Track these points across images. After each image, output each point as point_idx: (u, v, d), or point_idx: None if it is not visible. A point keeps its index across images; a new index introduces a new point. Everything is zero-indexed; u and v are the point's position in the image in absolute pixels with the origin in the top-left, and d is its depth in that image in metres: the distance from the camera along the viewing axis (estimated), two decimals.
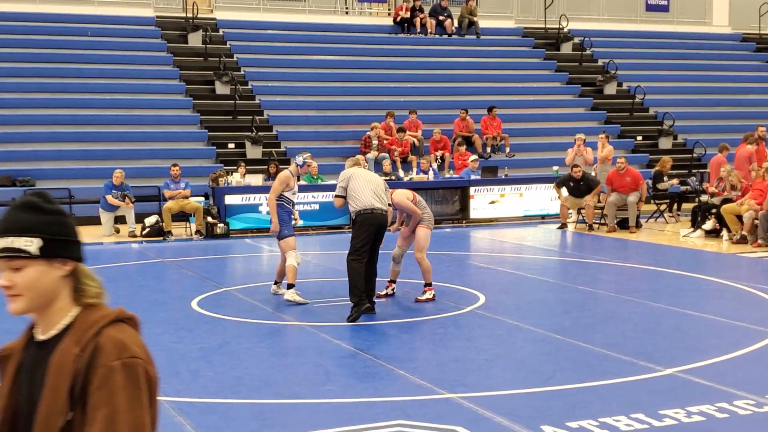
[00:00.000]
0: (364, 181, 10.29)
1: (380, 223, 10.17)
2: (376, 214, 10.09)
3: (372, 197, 10.11)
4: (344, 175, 10.44)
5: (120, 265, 14.70)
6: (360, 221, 10.12)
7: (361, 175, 10.39)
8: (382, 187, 10.42)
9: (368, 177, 10.49)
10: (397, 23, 28.90)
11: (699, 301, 10.97)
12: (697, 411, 6.55)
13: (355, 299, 9.87)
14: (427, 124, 23.72)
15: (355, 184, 10.24)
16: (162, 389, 7.49)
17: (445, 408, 6.73)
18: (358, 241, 10.09)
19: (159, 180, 19.57)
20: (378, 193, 10.23)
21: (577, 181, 18.58)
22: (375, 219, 10.09)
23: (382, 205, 10.18)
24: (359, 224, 10.13)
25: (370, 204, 10.06)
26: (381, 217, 10.15)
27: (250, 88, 24.79)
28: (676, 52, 31.44)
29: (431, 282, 10.97)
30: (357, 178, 10.30)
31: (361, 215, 10.08)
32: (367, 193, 10.12)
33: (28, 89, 22.73)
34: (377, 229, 10.17)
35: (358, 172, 10.48)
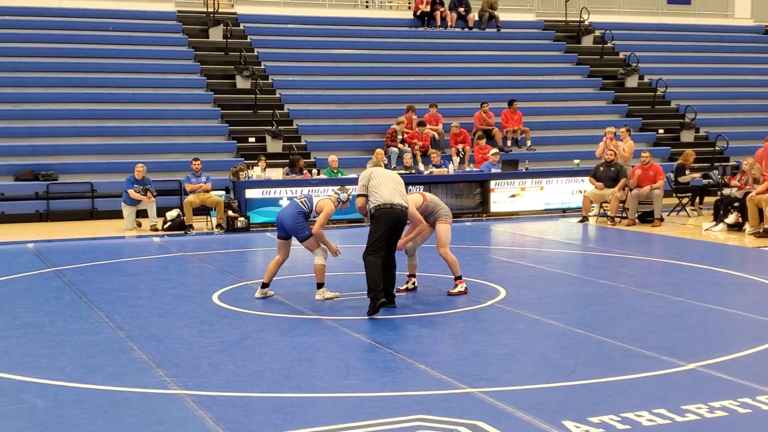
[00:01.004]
0: (385, 179, 10.32)
1: (398, 218, 10.17)
2: (395, 210, 10.08)
3: (392, 193, 10.13)
4: (365, 174, 10.48)
5: (142, 258, 14.77)
6: (378, 216, 10.11)
7: (381, 173, 10.44)
8: (402, 185, 10.44)
9: (389, 175, 10.51)
10: (417, 17, 28.87)
11: (721, 295, 10.90)
12: (719, 406, 6.51)
13: (372, 294, 9.84)
14: (448, 118, 23.69)
15: (375, 181, 10.27)
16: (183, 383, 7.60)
17: (465, 402, 6.71)
18: (374, 237, 10.08)
19: (180, 174, 19.66)
20: (398, 189, 10.25)
21: (608, 165, 18.58)
22: (393, 214, 10.09)
23: (402, 201, 10.17)
24: (377, 219, 10.13)
25: (389, 199, 10.07)
26: (400, 212, 10.13)
27: (270, 83, 24.83)
28: (698, 44, 31.28)
29: (460, 275, 10.95)
30: (377, 176, 10.33)
31: (380, 210, 10.08)
32: (388, 190, 10.14)
33: (50, 84, 22.86)
34: (395, 225, 10.18)
35: (378, 170, 10.53)
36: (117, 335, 9.01)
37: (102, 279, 12.47)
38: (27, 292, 11.58)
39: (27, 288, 11.90)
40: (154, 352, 8.28)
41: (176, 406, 6.70)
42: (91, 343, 8.73)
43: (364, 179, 10.42)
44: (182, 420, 6.40)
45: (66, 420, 6.45)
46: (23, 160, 20.58)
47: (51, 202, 19.68)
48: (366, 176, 10.42)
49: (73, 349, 8.49)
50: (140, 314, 10.06)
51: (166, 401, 6.85)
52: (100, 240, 17.00)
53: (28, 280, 12.50)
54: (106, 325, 9.50)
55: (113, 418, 6.45)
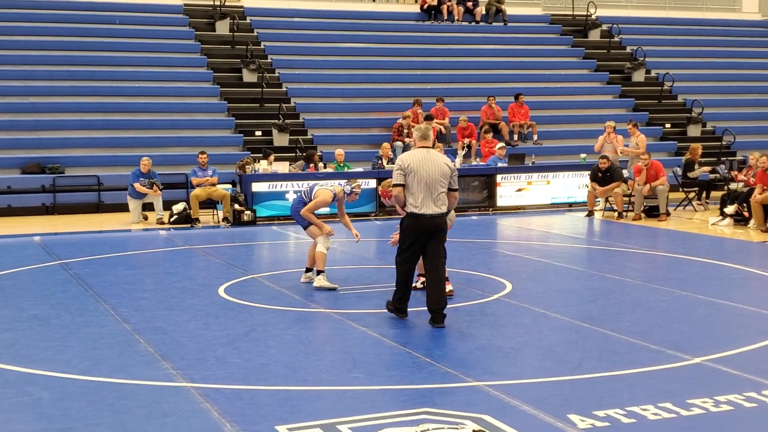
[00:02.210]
0: (420, 176, 8.81)
1: (426, 229, 8.90)
2: (422, 220, 8.86)
3: (423, 196, 8.82)
4: (403, 162, 8.96)
5: (148, 252, 14.79)
6: (405, 224, 9.05)
7: (420, 167, 8.84)
8: (439, 181, 8.86)
9: (428, 171, 8.85)
10: (424, 10, 28.83)
11: (727, 290, 10.89)
12: (725, 400, 6.51)
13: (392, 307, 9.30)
14: (454, 112, 23.67)
15: (410, 179, 8.87)
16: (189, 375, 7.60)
17: (471, 396, 6.72)
18: (401, 244, 9.13)
19: (186, 167, 19.68)
20: (432, 191, 8.83)
21: (604, 171, 18.66)
22: (420, 225, 8.89)
23: (434, 209, 8.83)
24: (404, 227, 9.08)
25: (419, 206, 8.84)
26: (427, 221, 8.86)
27: (277, 76, 24.82)
28: (705, 39, 31.19)
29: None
30: (416, 172, 8.83)
31: (407, 217, 8.99)
32: (420, 192, 8.82)
33: (56, 77, 22.87)
34: (425, 236, 8.93)
35: (417, 160, 8.90)
36: (123, 328, 9.02)
37: (108, 272, 12.49)
38: (33, 285, 11.60)
39: (33, 281, 11.92)
40: (160, 344, 8.30)
41: (182, 399, 6.72)
42: (97, 335, 8.75)
43: (401, 168, 8.94)
44: (188, 412, 6.41)
45: (72, 412, 6.46)
46: (29, 153, 20.59)
47: (57, 195, 19.70)
48: (404, 165, 8.92)
49: (79, 342, 8.51)
50: (146, 307, 10.08)
51: (172, 394, 6.87)
52: (107, 233, 17.02)
53: (34, 272, 12.53)
54: (112, 317, 9.52)
55: (119, 411, 6.47)
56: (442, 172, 8.86)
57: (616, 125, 20.53)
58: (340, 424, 6.09)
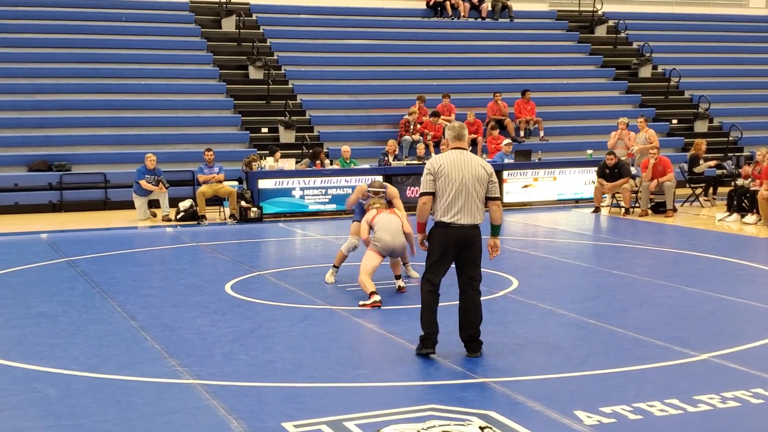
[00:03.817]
0: (454, 178, 7.67)
1: (455, 242, 7.74)
2: (453, 230, 7.71)
3: (455, 203, 7.66)
4: (435, 164, 7.77)
5: (154, 249, 14.81)
6: (431, 234, 7.88)
7: (453, 169, 7.70)
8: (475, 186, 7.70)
9: (461, 174, 7.70)
10: (430, 7, 28.82)
11: (734, 286, 10.87)
12: (731, 396, 6.50)
13: (422, 337, 7.86)
14: (461, 108, 23.65)
15: (441, 183, 7.70)
16: (195, 372, 7.60)
17: (478, 392, 6.72)
18: (429, 262, 7.89)
19: (193, 164, 19.69)
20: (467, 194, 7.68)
21: (612, 168, 18.63)
22: (449, 237, 7.73)
23: (467, 218, 7.68)
24: (430, 241, 7.90)
25: (450, 213, 7.69)
26: (457, 233, 7.71)
27: (283, 73, 24.82)
28: (712, 34, 31.12)
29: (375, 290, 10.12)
30: (448, 175, 7.69)
31: (434, 229, 7.84)
32: (452, 197, 7.67)
33: (63, 75, 22.89)
34: (453, 251, 7.78)
35: (450, 163, 7.73)
36: (130, 325, 9.04)
37: (115, 269, 12.51)
38: (40, 282, 11.63)
39: (40, 278, 11.95)
40: (166, 341, 8.31)
41: (189, 396, 6.73)
42: (104, 332, 8.77)
43: (430, 173, 7.75)
44: (195, 409, 6.43)
45: (79, 409, 6.48)
46: (36, 150, 20.62)
47: (64, 193, 19.73)
48: (435, 167, 7.75)
49: (86, 339, 8.53)
50: (153, 304, 10.09)
51: (178, 391, 6.88)
52: (113, 230, 17.05)
53: (41, 270, 12.55)
54: (118, 314, 9.54)
55: (126, 408, 6.48)
56: (478, 177, 7.68)
57: (629, 122, 20.52)
58: (347, 420, 6.09)
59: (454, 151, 7.82)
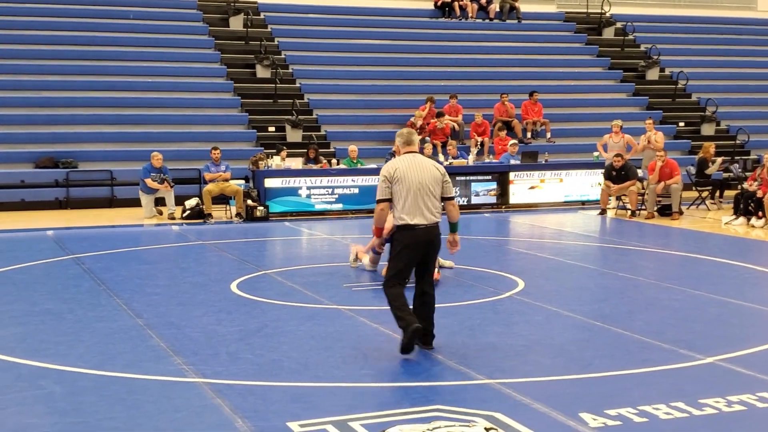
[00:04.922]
0: (411, 181, 7.80)
1: (421, 243, 7.85)
2: (418, 232, 7.82)
3: (415, 205, 7.79)
4: (391, 170, 7.90)
5: (160, 247, 14.82)
6: (396, 238, 7.95)
7: (409, 173, 7.83)
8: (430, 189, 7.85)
9: (418, 176, 7.85)
10: (438, 7, 28.84)
11: (741, 289, 10.84)
12: (737, 400, 6.48)
13: (403, 323, 7.84)
14: (468, 109, 23.65)
15: (399, 187, 7.82)
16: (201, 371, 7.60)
17: (482, 394, 6.71)
18: (394, 266, 7.99)
19: (200, 163, 19.70)
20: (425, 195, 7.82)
21: (618, 170, 18.61)
22: (413, 238, 7.83)
23: (428, 217, 7.82)
24: (394, 244, 7.98)
25: (410, 215, 7.80)
26: (422, 234, 7.83)
27: (290, 72, 24.84)
28: (720, 37, 31.05)
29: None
30: (405, 179, 7.81)
31: (398, 232, 7.91)
32: (411, 200, 7.79)
33: (70, 72, 22.94)
34: (419, 253, 7.90)
35: (406, 167, 7.88)
36: (135, 323, 9.04)
37: (120, 267, 12.52)
38: (46, 279, 11.65)
39: (46, 275, 11.97)
40: (172, 340, 8.31)
41: (194, 395, 6.73)
42: (110, 330, 8.77)
43: (386, 179, 7.89)
44: (200, 408, 6.43)
45: (84, 406, 6.48)
46: (43, 147, 20.66)
47: (70, 190, 19.76)
48: (391, 172, 7.88)
49: (91, 336, 8.53)
50: (159, 302, 10.10)
51: (183, 389, 6.88)
52: (119, 228, 17.07)
53: (47, 267, 12.57)
54: (124, 312, 9.54)
55: (131, 406, 6.48)
56: (433, 178, 7.85)
57: (622, 124, 20.57)
58: (352, 420, 6.09)
59: (406, 155, 8.00)
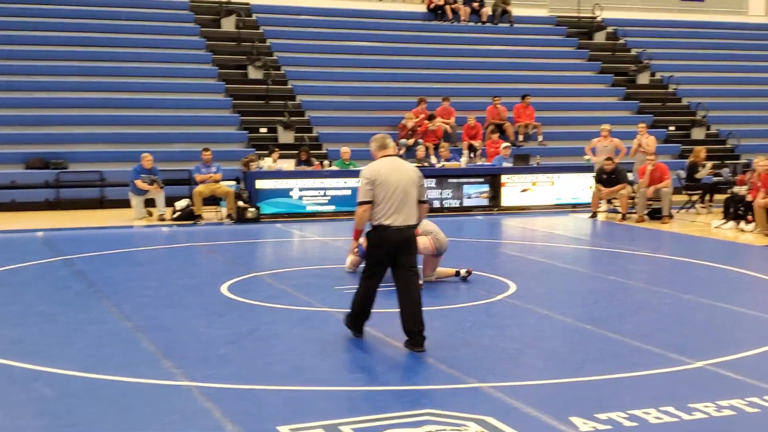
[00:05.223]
0: (392, 184, 8.04)
1: (393, 244, 8.09)
2: (392, 233, 8.05)
3: (395, 207, 8.03)
4: (373, 173, 8.12)
5: (150, 248, 14.80)
6: (371, 239, 8.28)
7: (390, 176, 8.06)
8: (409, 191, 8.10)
9: (398, 179, 8.08)
10: (430, 10, 28.86)
11: (731, 294, 10.88)
12: (727, 405, 6.50)
13: (349, 322, 8.53)
14: (460, 112, 23.68)
15: (380, 190, 8.03)
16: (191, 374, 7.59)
17: (474, 397, 6.72)
18: (367, 264, 8.39)
19: (190, 164, 19.65)
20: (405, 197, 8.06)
21: (609, 173, 18.66)
22: (387, 238, 8.09)
23: (405, 219, 8.07)
24: (369, 243, 8.30)
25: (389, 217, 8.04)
26: (396, 234, 8.06)
27: (282, 73, 24.83)
28: (711, 41, 31.15)
29: None
30: (386, 182, 8.04)
31: (374, 231, 8.20)
32: (391, 202, 8.02)
33: (61, 72, 22.89)
34: (392, 252, 8.15)
35: (387, 170, 8.11)
36: (126, 326, 9.02)
37: (111, 268, 12.50)
38: (36, 281, 11.61)
39: (36, 276, 11.93)
40: (162, 343, 8.29)
41: (184, 398, 6.72)
42: (101, 333, 8.76)
43: (368, 181, 8.09)
44: (190, 412, 6.42)
45: (76, 409, 6.48)
46: (34, 148, 20.61)
47: (61, 191, 19.73)
48: (373, 175, 8.09)
49: (83, 339, 8.52)
50: (149, 305, 10.08)
51: (174, 393, 6.87)
52: (110, 229, 17.03)
53: (37, 268, 12.53)
54: (115, 315, 9.52)
55: (123, 409, 6.47)
56: (412, 180, 8.11)
57: (611, 128, 20.65)
58: (343, 424, 6.08)
59: (386, 158, 8.23)
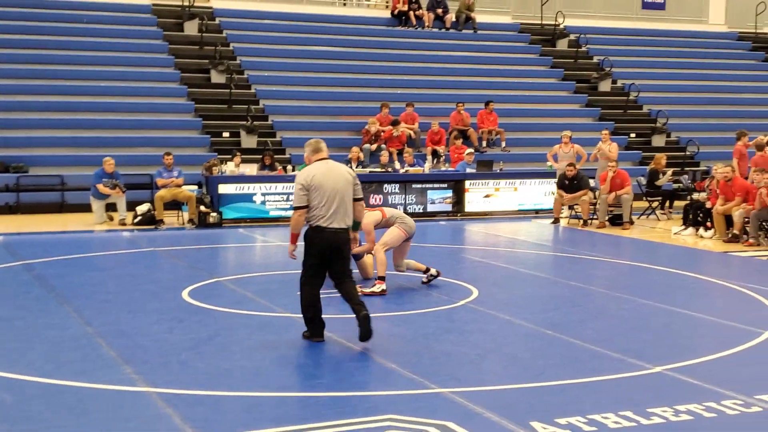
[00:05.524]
0: (327, 187, 8.32)
1: (329, 246, 8.36)
2: (328, 234, 8.33)
3: (332, 209, 8.32)
4: (308, 177, 8.36)
5: (111, 253, 14.68)
6: (308, 240, 8.45)
7: (325, 179, 8.35)
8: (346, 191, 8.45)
9: (333, 182, 8.39)
10: (394, 16, 28.89)
11: (689, 299, 10.99)
12: (684, 410, 6.56)
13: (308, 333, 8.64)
14: (424, 117, 23.74)
15: (316, 194, 8.31)
16: (151, 380, 7.53)
17: (435, 403, 6.73)
18: (306, 264, 8.50)
19: (152, 168, 19.54)
20: (341, 199, 8.39)
21: (571, 179, 18.79)
22: (324, 241, 8.35)
23: (340, 222, 8.37)
24: (307, 244, 8.46)
25: (326, 219, 8.32)
26: (332, 237, 8.35)
27: (246, 78, 24.76)
28: (672, 50, 31.48)
29: (384, 276, 10.95)
30: (322, 185, 8.32)
31: (310, 232, 8.43)
32: (328, 205, 8.31)
33: (22, 75, 22.67)
34: (328, 254, 8.38)
35: (322, 174, 8.40)
36: (86, 331, 8.95)
37: (71, 273, 12.39)
38: None
39: None
40: (122, 348, 8.23)
41: (144, 404, 6.67)
42: (60, 338, 8.68)
43: (303, 186, 8.34)
44: (150, 417, 6.37)
45: (33, 415, 6.41)
46: None
47: (21, 195, 19.53)
48: (308, 180, 8.34)
49: (41, 344, 8.44)
50: (109, 310, 10.00)
51: (133, 398, 6.82)
52: (70, 233, 16.88)
53: None
54: (74, 320, 9.44)
55: (81, 414, 6.42)
56: (347, 182, 8.43)
57: (572, 134, 20.81)
58: (304, 431, 6.07)
59: (320, 162, 8.51)
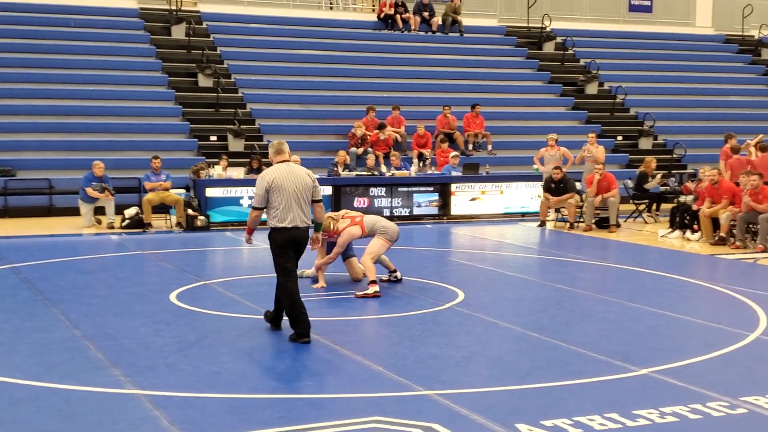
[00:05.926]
0: (287, 189, 8.73)
1: (295, 242, 8.87)
2: (295, 233, 8.80)
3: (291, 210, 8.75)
4: (268, 179, 8.76)
5: (99, 256, 14.67)
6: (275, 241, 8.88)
7: (285, 181, 8.73)
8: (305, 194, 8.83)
9: (293, 184, 8.77)
10: (381, 19, 28.94)
11: (675, 302, 11.04)
12: (670, 412, 6.60)
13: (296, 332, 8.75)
14: (410, 120, 23.77)
15: (276, 195, 8.74)
16: (138, 383, 7.55)
17: (421, 405, 6.76)
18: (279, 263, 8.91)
19: (140, 171, 19.53)
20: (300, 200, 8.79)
21: (557, 182, 18.84)
22: (291, 238, 8.81)
23: (303, 220, 8.81)
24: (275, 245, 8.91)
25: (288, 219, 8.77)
26: (298, 234, 8.83)
27: (233, 81, 24.77)
28: (659, 53, 31.59)
29: (375, 279, 11.07)
30: (282, 187, 8.71)
31: (275, 233, 8.85)
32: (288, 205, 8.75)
33: (9, 79, 22.63)
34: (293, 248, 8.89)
35: (282, 176, 8.77)
36: (73, 333, 8.96)
37: (59, 276, 12.38)
38: None
39: None
40: (109, 351, 8.24)
41: (132, 406, 6.69)
42: (47, 341, 8.68)
43: (264, 188, 8.77)
44: (138, 420, 6.39)
45: (21, 418, 6.42)
46: None
47: (9, 198, 19.49)
48: (269, 181, 8.74)
49: (28, 347, 8.44)
50: (96, 313, 10.00)
51: (121, 401, 6.83)
52: (58, 237, 16.86)
53: None
54: (62, 323, 9.44)
55: (68, 417, 6.43)
56: (306, 185, 8.79)
57: (558, 137, 20.88)
58: None
59: (281, 164, 8.87)
